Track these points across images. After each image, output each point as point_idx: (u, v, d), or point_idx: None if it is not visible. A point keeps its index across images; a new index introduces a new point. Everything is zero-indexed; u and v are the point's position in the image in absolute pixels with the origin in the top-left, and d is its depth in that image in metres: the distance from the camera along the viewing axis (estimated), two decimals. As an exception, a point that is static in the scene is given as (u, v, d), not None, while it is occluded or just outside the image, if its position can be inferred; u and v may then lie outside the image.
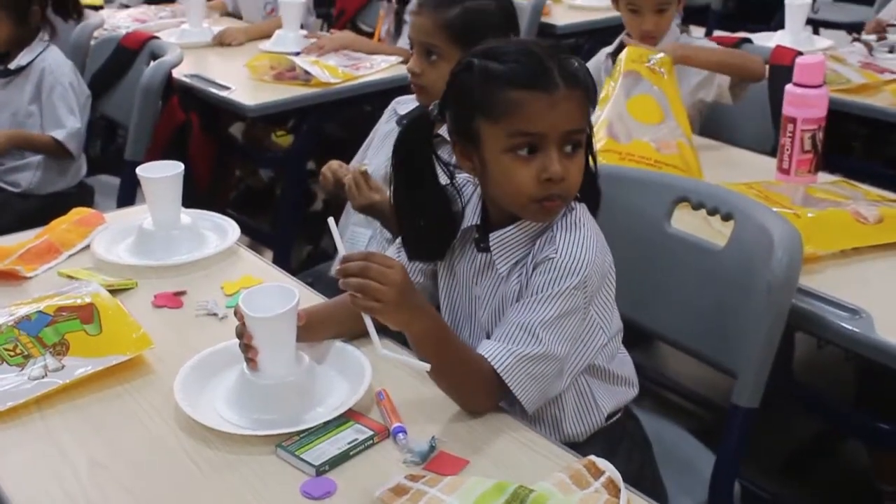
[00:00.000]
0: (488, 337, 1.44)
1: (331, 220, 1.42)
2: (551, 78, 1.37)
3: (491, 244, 1.47)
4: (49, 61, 2.79)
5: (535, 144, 1.38)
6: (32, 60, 2.79)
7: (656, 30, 2.52)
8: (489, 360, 1.36)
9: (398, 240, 1.61)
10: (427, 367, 1.31)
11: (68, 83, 2.80)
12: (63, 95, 2.78)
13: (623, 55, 2.33)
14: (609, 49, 2.69)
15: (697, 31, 4.38)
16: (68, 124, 2.78)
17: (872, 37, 3.05)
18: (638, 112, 2.21)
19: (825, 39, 3.75)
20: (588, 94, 1.42)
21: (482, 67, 1.40)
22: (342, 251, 1.36)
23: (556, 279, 1.38)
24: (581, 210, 1.46)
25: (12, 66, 2.80)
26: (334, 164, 2.06)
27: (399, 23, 3.44)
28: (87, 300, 1.58)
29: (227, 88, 3.05)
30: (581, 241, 1.41)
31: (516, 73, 1.38)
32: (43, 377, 1.45)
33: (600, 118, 2.20)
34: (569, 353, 1.41)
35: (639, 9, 2.51)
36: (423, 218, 1.52)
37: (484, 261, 1.49)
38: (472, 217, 1.51)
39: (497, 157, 1.40)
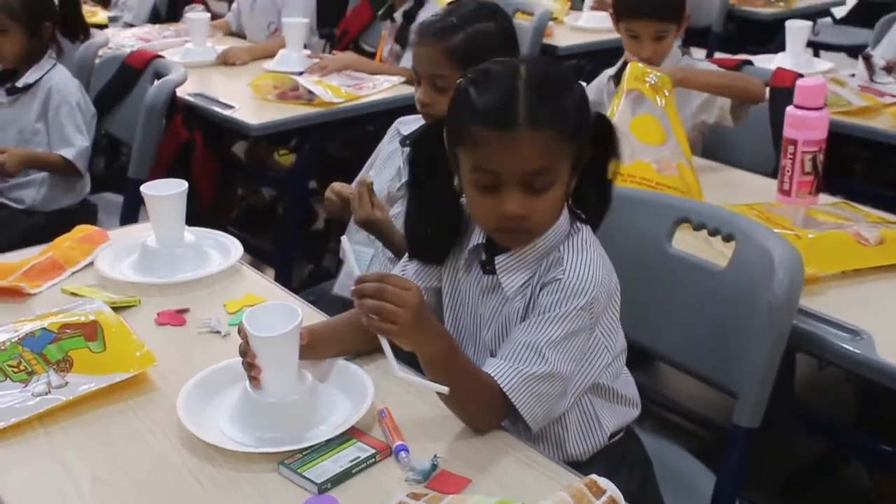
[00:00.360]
0: (492, 355, 1.45)
1: (345, 240, 1.44)
2: (514, 117, 1.35)
3: (497, 267, 1.47)
4: (56, 80, 2.81)
5: (493, 181, 1.38)
6: (40, 78, 2.80)
7: (655, 56, 2.53)
8: (495, 378, 1.36)
9: (402, 260, 1.62)
10: (445, 389, 1.31)
11: (75, 102, 2.81)
12: (70, 114, 2.79)
13: (626, 72, 2.34)
14: (611, 71, 2.70)
15: (698, 53, 4.39)
16: (77, 143, 2.79)
17: (882, 62, 3.05)
18: (640, 132, 2.22)
19: (825, 62, 3.78)
20: (562, 131, 1.37)
21: (464, 92, 1.41)
22: (356, 272, 1.36)
23: (563, 300, 1.39)
24: (587, 231, 1.47)
25: (20, 83, 2.81)
26: (337, 185, 2.07)
27: (404, 43, 3.45)
28: (91, 317, 1.59)
29: (231, 107, 3.06)
30: (588, 263, 1.41)
31: (481, 108, 1.37)
32: (46, 393, 1.46)
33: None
34: (573, 373, 1.42)
35: (638, 35, 2.53)
36: (430, 226, 1.53)
37: (490, 282, 1.50)
38: (479, 236, 1.51)
39: (467, 184, 1.42)
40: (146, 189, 1.88)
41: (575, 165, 1.41)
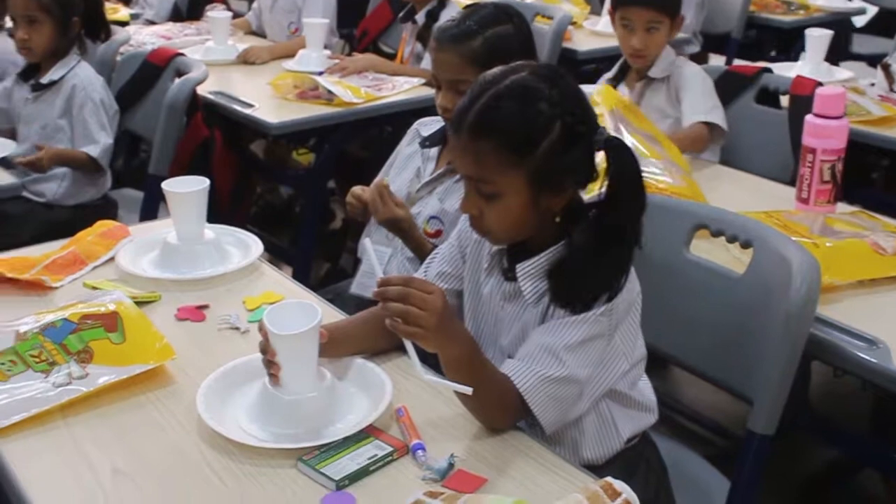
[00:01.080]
0: (510, 358, 1.45)
1: (367, 241, 1.46)
2: (462, 123, 1.40)
3: (518, 274, 1.48)
4: (81, 77, 2.82)
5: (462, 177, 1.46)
6: (64, 75, 2.82)
7: (645, 48, 2.57)
8: (512, 379, 1.37)
9: (425, 262, 1.62)
10: (469, 390, 1.31)
11: (99, 99, 2.83)
12: (94, 112, 2.81)
13: (600, 97, 2.29)
14: (609, 74, 2.74)
15: (717, 60, 4.41)
16: (101, 140, 2.81)
17: None
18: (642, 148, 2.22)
19: (845, 70, 3.76)
20: (504, 146, 1.37)
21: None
22: (379, 273, 1.37)
23: None
24: None
25: (44, 80, 2.83)
26: (357, 189, 2.07)
27: (426, 42, 3.46)
28: (112, 308, 1.61)
29: (251, 106, 3.07)
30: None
31: (457, 106, 1.44)
32: (67, 384, 1.48)
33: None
34: (590, 377, 1.43)
35: (630, 24, 2.57)
36: None
37: (512, 288, 1.50)
38: None
39: None
40: (168, 186, 1.89)
41: (536, 184, 1.38)
